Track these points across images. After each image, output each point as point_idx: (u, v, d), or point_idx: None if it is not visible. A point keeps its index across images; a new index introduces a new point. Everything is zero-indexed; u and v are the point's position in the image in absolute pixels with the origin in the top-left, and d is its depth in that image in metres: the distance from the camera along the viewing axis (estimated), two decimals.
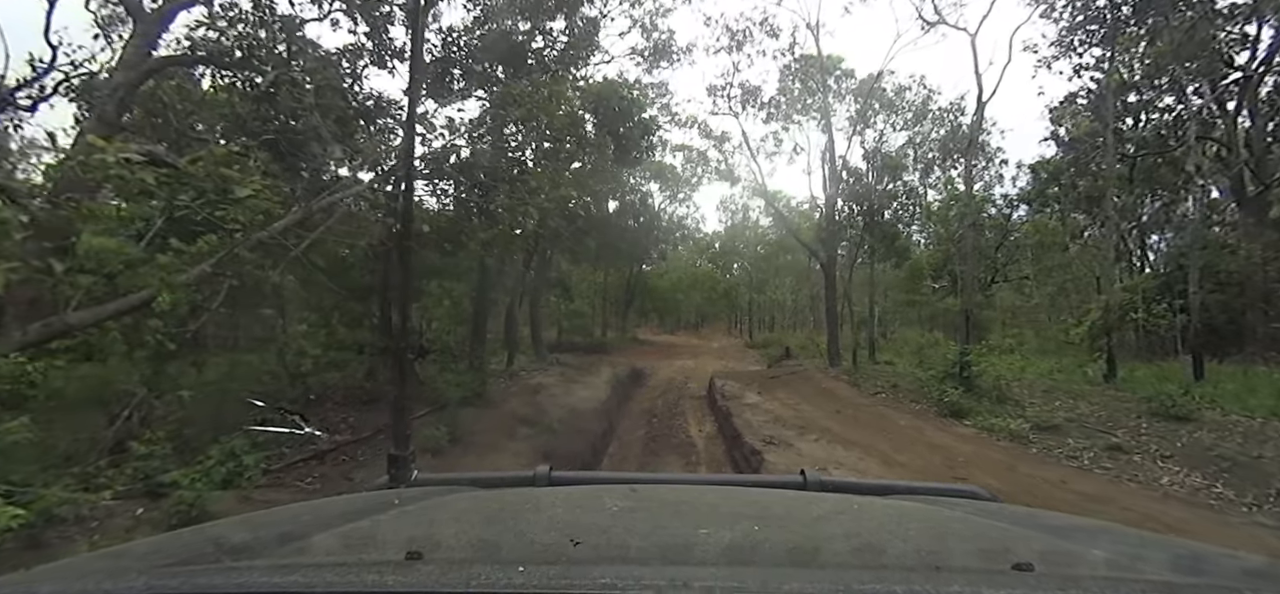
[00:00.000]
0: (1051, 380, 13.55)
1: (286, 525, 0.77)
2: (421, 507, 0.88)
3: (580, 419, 11.20)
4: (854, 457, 8.45)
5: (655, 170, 27.13)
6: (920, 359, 20.07)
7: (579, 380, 15.39)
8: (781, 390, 14.33)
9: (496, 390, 12.30)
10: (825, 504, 0.92)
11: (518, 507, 0.87)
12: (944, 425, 10.50)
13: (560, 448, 8.90)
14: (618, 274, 36.63)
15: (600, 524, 0.76)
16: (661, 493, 1.02)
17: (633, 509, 0.83)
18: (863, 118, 17.81)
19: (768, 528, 0.77)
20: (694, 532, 0.74)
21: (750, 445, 9.59)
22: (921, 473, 7.75)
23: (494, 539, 0.72)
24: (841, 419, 11.05)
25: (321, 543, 0.68)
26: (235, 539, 0.69)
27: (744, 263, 45.08)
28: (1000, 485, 7.11)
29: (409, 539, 0.63)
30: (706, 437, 12.41)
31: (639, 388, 19.29)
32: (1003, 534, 0.82)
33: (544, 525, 0.77)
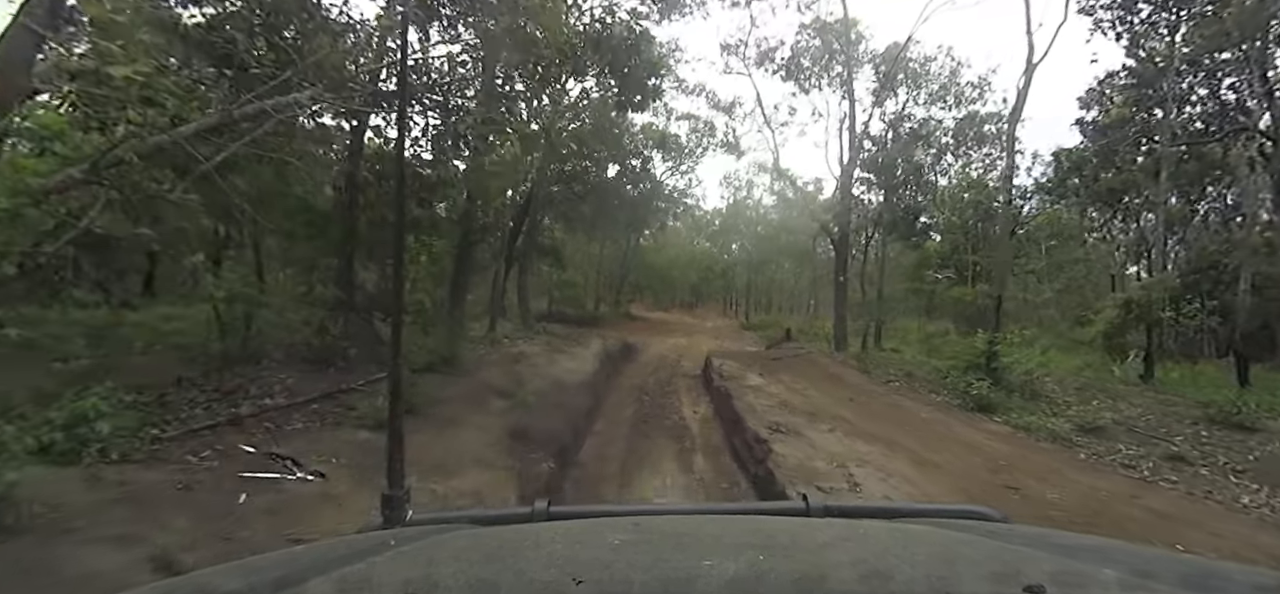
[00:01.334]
0: (1080, 377, 12.39)
1: (281, 570, 0.72)
2: (418, 547, 0.83)
3: (562, 393, 9.94)
4: (878, 453, 7.24)
5: (658, 138, 25.66)
6: (929, 348, 19.02)
7: (565, 351, 14.13)
8: (785, 373, 13.12)
9: (472, 358, 11.01)
10: (830, 530, 0.90)
11: (517, 544, 0.83)
12: (971, 421, 9.31)
13: (535, 426, 7.64)
14: (614, 246, 35.34)
15: (602, 559, 0.73)
16: (662, 524, 0.94)
17: (634, 543, 0.79)
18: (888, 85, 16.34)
19: (772, 557, 0.72)
20: (698, 564, 0.70)
21: (754, 432, 8.37)
22: (961, 476, 6.55)
23: (493, 579, 0.68)
24: (855, 408, 9.85)
25: (315, 588, 0.65)
26: (228, 586, 0.68)
27: (744, 242, 43.73)
28: (1058, 497, 5.94)
29: (406, 582, 0.66)
30: (701, 419, 11.21)
31: (629, 363, 18.06)
32: (1012, 556, 0.78)
33: (543, 562, 0.74)
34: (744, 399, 10.30)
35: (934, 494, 5.96)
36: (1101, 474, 7.04)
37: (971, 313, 20.99)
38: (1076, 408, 9.50)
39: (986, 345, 10.97)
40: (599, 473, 8.22)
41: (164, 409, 5.77)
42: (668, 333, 28.74)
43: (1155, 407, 10.17)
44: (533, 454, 7.00)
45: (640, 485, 7.30)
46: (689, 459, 8.60)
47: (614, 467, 8.52)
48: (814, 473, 6.63)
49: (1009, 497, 5.97)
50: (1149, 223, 25.67)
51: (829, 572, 0.70)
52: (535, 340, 15.17)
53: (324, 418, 6.35)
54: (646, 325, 30.97)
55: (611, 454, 9.21)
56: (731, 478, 7.97)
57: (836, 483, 6.32)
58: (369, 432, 5.94)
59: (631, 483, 7.48)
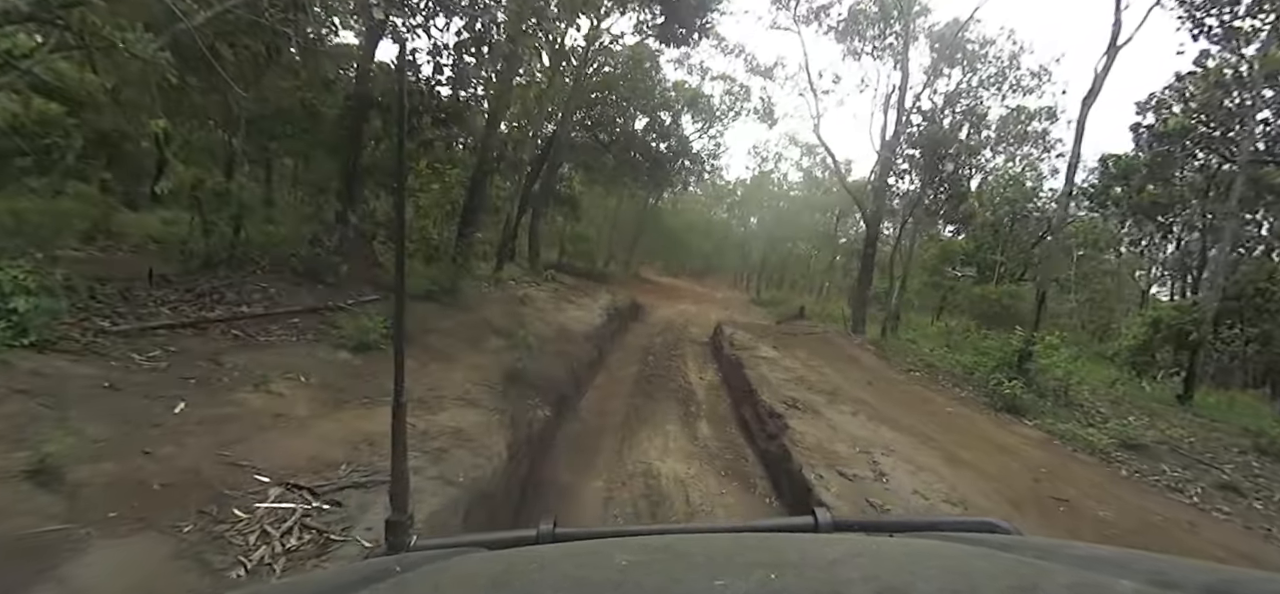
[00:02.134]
0: (1113, 391, 11.64)
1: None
2: (422, 573, 0.80)
3: (565, 342, 9.33)
4: (905, 444, 6.59)
5: (690, 97, 24.50)
6: (947, 342, 18.27)
7: (572, 301, 13.50)
8: (800, 349, 12.44)
9: (474, 294, 10.39)
10: (841, 547, 0.85)
11: (523, 567, 0.80)
12: (1001, 422, 8.63)
13: (533, 371, 7.03)
14: (631, 204, 34.46)
15: (611, 580, 0.70)
16: (671, 543, 0.94)
17: (642, 563, 0.76)
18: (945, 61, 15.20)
19: (784, 576, 0.69)
20: (709, 584, 0.68)
21: (768, 406, 7.74)
22: (999, 480, 5.90)
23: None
24: (876, 393, 9.19)
25: None
26: None
27: (764, 216, 42.66)
28: (1111, 516, 5.29)
29: None
30: (708, 386, 10.61)
31: (636, 322, 17.46)
32: (1028, 570, 0.76)
33: (552, 586, 0.72)
34: (757, 370, 9.66)
35: (971, 498, 5.32)
36: (1148, 495, 6.37)
37: (996, 312, 20.15)
38: (1115, 422, 8.79)
39: (1023, 344, 10.20)
40: (598, 427, 7.65)
41: (125, 302, 5.17)
42: (676, 298, 28.09)
43: (1197, 430, 9.44)
44: (528, 399, 6.41)
45: (641, 446, 6.72)
46: (693, 425, 8.01)
47: (614, 422, 7.95)
48: (835, 456, 6.00)
49: (1056, 510, 5.33)
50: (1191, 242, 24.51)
51: (842, 589, 0.68)
52: (542, 286, 14.54)
53: (303, 333, 5.76)
54: (655, 288, 30.32)
55: (612, 410, 8.64)
56: (738, 450, 7.37)
57: (860, 470, 5.69)
58: (349, 353, 5.35)
59: (632, 442, 6.91)
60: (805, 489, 5.41)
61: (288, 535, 2.43)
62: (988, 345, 11.64)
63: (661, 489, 5.66)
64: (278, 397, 3.96)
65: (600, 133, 21.95)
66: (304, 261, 7.20)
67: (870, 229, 15.63)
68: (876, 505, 4.95)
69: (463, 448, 3.94)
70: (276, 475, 2.87)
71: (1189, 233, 23.59)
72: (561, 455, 6.50)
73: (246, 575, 2.12)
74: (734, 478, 6.44)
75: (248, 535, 2.38)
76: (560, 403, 7.21)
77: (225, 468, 2.84)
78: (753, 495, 6.10)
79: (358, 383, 4.74)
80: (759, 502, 5.88)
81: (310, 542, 2.42)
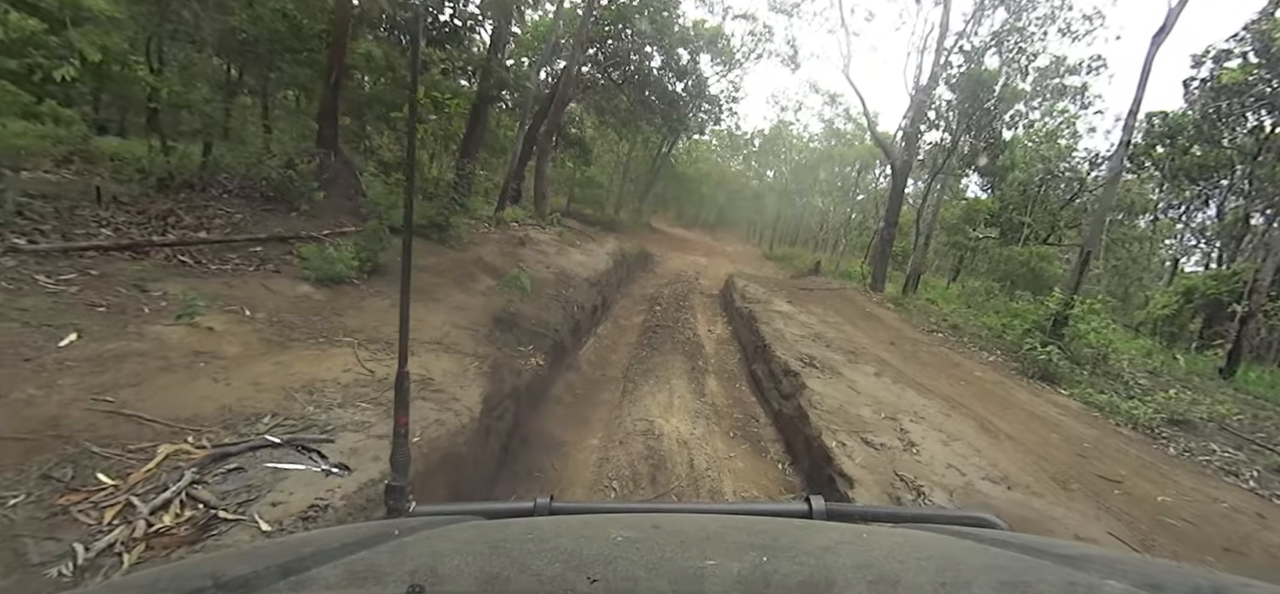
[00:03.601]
0: (1149, 362, 10.88)
1: (285, 557, 0.70)
2: (422, 537, 0.82)
3: (566, 286, 8.67)
4: (936, 411, 5.94)
5: (710, 36, 23.02)
6: (968, 304, 17.48)
7: (577, 246, 12.79)
8: (816, 305, 11.73)
9: (471, 233, 9.72)
10: (834, 534, 0.88)
11: (521, 538, 0.80)
12: (1035, 390, 7.96)
13: (528, 315, 6.40)
14: (644, 150, 33.31)
15: (606, 555, 0.72)
16: (665, 521, 0.91)
17: (638, 540, 0.77)
18: None
19: (777, 559, 0.71)
20: (702, 563, 0.71)
21: (783, 363, 7.10)
22: (1041, 456, 5.26)
23: (497, 572, 0.68)
24: (899, 354, 8.51)
25: (322, 576, 0.65)
26: (233, 572, 0.65)
27: (781, 168, 41.29)
28: (1171, 502, 4.65)
29: (411, 572, 0.65)
30: (718, 340, 9.98)
31: (644, 272, 16.80)
32: (1019, 566, 0.77)
33: (548, 557, 0.72)
34: (771, 325, 8.98)
35: (1013, 474, 4.69)
36: (1203, 478, 5.72)
37: (1022, 274, 19.23)
38: (1157, 396, 8.07)
39: (1060, 307, 9.41)
40: (597, 379, 7.07)
41: (60, 220, 4.54)
42: (687, 250, 27.34)
43: (1244, 407, 8.72)
44: (521, 346, 5.80)
45: (643, 402, 6.13)
46: (701, 380, 7.41)
47: (615, 374, 7.37)
48: (858, 422, 5.37)
49: (1109, 492, 4.69)
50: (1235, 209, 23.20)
51: (835, 576, 0.69)
52: (547, 230, 13.81)
53: (264, 262, 5.13)
54: (666, 239, 29.53)
55: (614, 360, 8.06)
56: (748, 410, 6.78)
57: (887, 438, 5.06)
58: (311, 286, 4.72)
59: (634, 397, 6.32)
60: (825, 457, 4.80)
61: (161, 511, 1.83)
62: (1019, 308, 10.84)
63: (663, 451, 5.08)
64: (205, 332, 3.35)
65: (613, 71, 20.73)
66: (275, 186, 6.52)
67: (897, 180, 14.64)
68: (907, 480, 4.33)
69: (428, 400, 3.32)
70: (172, 429, 2.28)
71: (1234, 199, 22.25)
72: (555, 409, 5.94)
73: (75, 571, 1.53)
74: (743, 440, 5.86)
75: (105, 510, 1.79)
76: (556, 351, 6.61)
77: (103, 417, 2.25)
78: (764, 461, 5.51)
79: (314, 320, 4.13)
80: (772, 469, 5.30)
81: (189, 521, 1.83)
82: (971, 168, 19.27)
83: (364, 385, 3.24)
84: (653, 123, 24.23)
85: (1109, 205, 11.13)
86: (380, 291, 5.23)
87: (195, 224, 5.60)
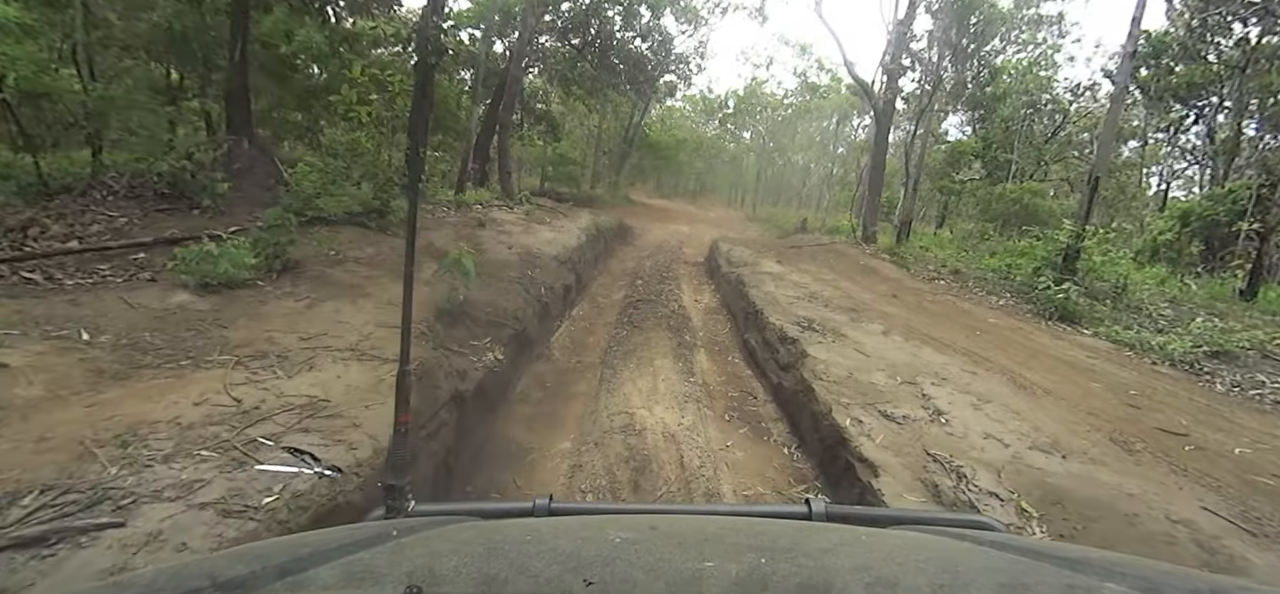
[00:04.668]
0: (1164, 291, 10.22)
1: (283, 558, 0.70)
2: (419, 538, 0.82)
3: (532, 267, 7.76)
4: (959, 370, 5.16)
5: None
6: (962, 248, 16.83)
7: (547, 223, 11.83)
8: (808, 263, 10.93)
9: (424, 218, 8.74)
10: (833, 536, 0.88)
11: (519, 538, 0.81)
12: (1057, 333, 7.22)
13: (480, 303, 5.50)
14: (615, 122, 32.16)
15: (604, 556, 0.72)
16: (664, 523, 0.92)
17: (635, 541, 0.77)
18: None
19: (775, 561, 0.71)
20: (700, 565, 0.70)
21: (778, 328, 6.28)
22: (1086, 410, 4.50)
23: (495, 573, 0.67)
24: (903, 307, 7.73)
25: (319, 577, 0.65)
26: (231, 573, 0.66)
27: (758, 126, 40.27)
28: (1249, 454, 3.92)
29: (408, 573, 0.65)
30: (705, 310, 9.16)
31: (624, 245, 15.86)
32: (1017, 568, 0.78)
33: (546, 558, 0.72)
34: (761, 288, 8.16)
35: (1064, 438, 3.92)
36: (1266, 417, 5.02)
37: (1015, 212, 18.58)
38: (1191, 326, 7.38)
39: (1071, 239, 8.65)
40: (570, 368, 6.21)
41: None
42: (669, 219, 26.39)
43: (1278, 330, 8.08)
44: (473, 341, 4.91)
45: (624, 390, 5.29)
46: (689, 358, 6.58)
47: (592, 360, 6.52)
48: (872, 391, 4.57)
49: (1179, 449, 3.94)
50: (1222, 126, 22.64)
51: (833, 578, 0.69)
52: (514, 210, 12.83)
53: (141, 270, 4.17)
54: (646, 211, 28.52)
55: (591, 344, 7.19)
56: (744, 386, 5.97)
57: (908, 408, 4.27)
58: (191, 293, 3.78)
59: (613, 384, 5.47)
60: (838, 439, 4.00)
61: None
62: (1026, 246, 10.09)
63: (647, 449, 4.24)
64: None
65: (573, 37, 19.54)
66: (171, 183, 5.50)
67: (881, 125, 13.77)
68: (943, 461, 3.54)
69: (310, 432, 2.44)
70: None
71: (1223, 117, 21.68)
72: (519, 409, 5.08)
73: None
74: (741, 423, 5.04)
75: None
76: (519, 341, 5.73)
77: None
78: (767, 446, 4.71)
79: (184, 337, 3.22)
80: (776, 456, 4.49)
81: None
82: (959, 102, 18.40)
83: (218, 422, 2.35)
84: (620, 89, 23.13)
85: (1115, 125, 10.35)
86: (290, 292, 4.29)
87: (64, 234, 4.60)
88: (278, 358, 3.18)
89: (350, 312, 4.14)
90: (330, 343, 3.52)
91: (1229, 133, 20.21)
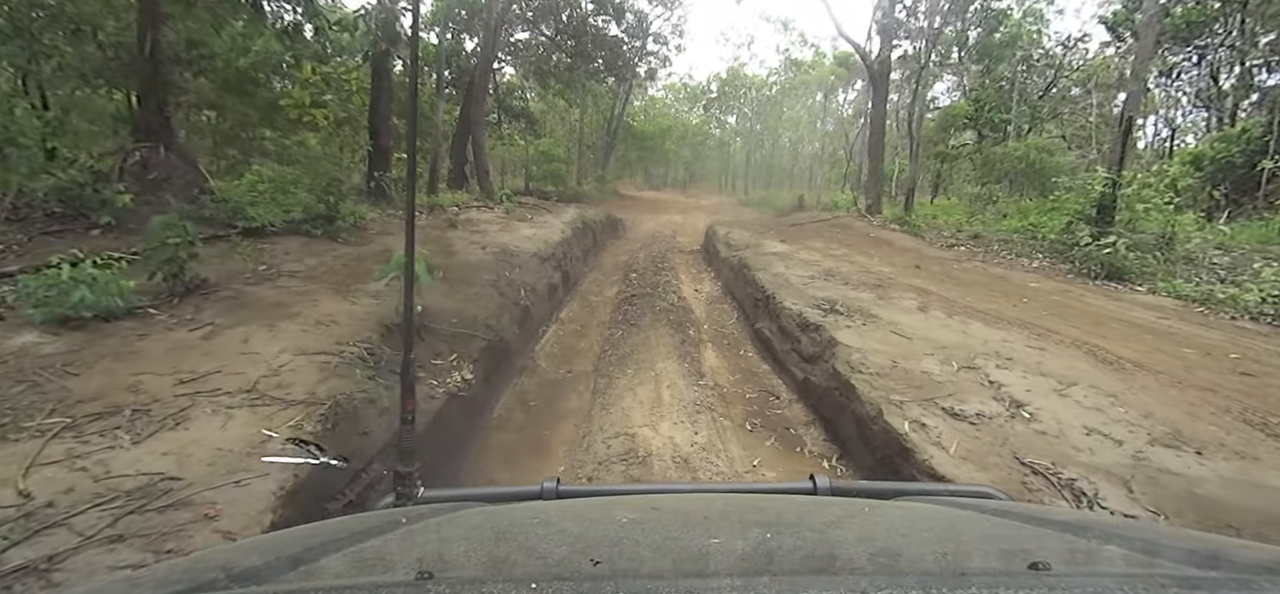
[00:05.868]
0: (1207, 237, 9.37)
1: (295, 548, 0.71)
2: (429, 524, 0.82)
3: (511, 267, 6.84)
4: (1021, 344, 4.29)
5: None
6: (970, 213, 16.00)
7: (529, 220, 10.91)
8: (814, 239, 10.05)
9: (386, 222, 7.81)
10: (837, 509, 0.89)
11: (526, 522, 0.81)
12: (1110, 292, 6.37)
13: (444, 313, 4.60)
14: (597, 115, 31.21)
15: (611, 537, 0.72)
16: (670, 502, 0.94)
17: (642, 521, 0.78)
18: None
19: (780, 536, 0.72)
20: (706, 542, 0.71)
21: (796, 314, 5.39)
22: (1190, 384, 3.64)
23: (504, 556, 0.69)
24: (932, 278, 6.86)
25: (331, 565, 0.65)
26: (245, 564, 0.66)
27: (743, 109, 39.40)
28: None
29: (418, 559, 0.65)
30: (708, 299, 8.27)
31: (614, 239, 14.96)
32: (1018, 533, 0.79)
33: (554, 540, 0.72)
34: (769, 269, 7.27)
35: (1184, 425, 3.06)
36: None
37: (1022, 172, 17.73)
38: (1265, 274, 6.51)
39: (1107, 188, 7.78)
40: (558, 380, 5.30)
41: None
42: (660, 211, 25.46)
43: None
44: (434, 360, 4.01)
45: (623, 402, 4.39)
46: (695, 356, 5.70)
47: (584, 368, 5.62)
48: (926, 381, 3.68)
49: None
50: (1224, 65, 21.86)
51: (837, 550, 0.70)
52: (494, 210, 11.89)
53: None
54: (636, 203, 27.63)
55: (582, 350, 6.29)
56: (763, 384, 5.08)
57: (977, 401, 3.39)
58: (37, 332, 2.86)
59: (609, 397, 4.58)
60: (897, 448, 3.12)
61: None
62: (1054, 200, 9.21)
63: (655, 478, 3.36)
64: None
65: (544, 25, 18.56)
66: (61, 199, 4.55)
67: (877, 87, 12.88)
68: (1044, 470, 2.67)
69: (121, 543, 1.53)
70: None
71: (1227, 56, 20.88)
72: (496, 437, 4.17)
73: None
74: (766, 432, 4.16)
75: None
76: (494, 354, 4.82)
77: None
78: (802, 460, 3.83)
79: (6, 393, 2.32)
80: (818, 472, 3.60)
81: None
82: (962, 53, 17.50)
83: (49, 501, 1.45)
84: (598, 77, 22.13)
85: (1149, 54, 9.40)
86: (189, 320, 3.37)
87: None
88: (134, 414, 2.27)
89: (263, 339, 3.22)
90: (220, 385, 2.60)
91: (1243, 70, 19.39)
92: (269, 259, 4.84)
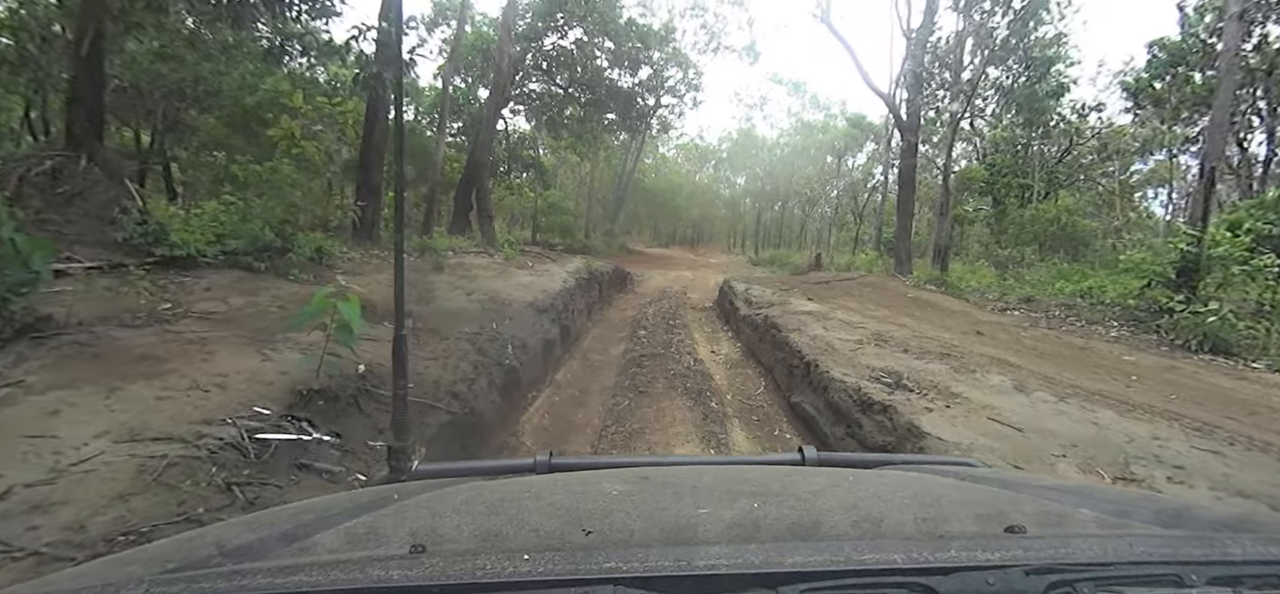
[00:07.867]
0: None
1: (289, 525, 0.71)
2: (422, 499, 0.82)
3: (500, 318, 5.75)
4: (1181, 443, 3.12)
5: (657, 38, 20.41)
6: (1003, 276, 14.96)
7: (528, 267, 9.91)
8: (847, 299, 8.96)
9: (361, 262, 6.80)
10: (822, 479, 0.89)
11: (519, 495, 0.81)
12: (1226, 369, 5.19)
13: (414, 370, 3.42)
14: (608, 170, 30.88)
15: (601, 508, 0.72)
16: (659, 474, 0.94)
17: (632, 493, 0.79)
18: None
19: (767, 504, 0.72)
20: (695, 512, 0.70)
21: (852, 389, 4.24)
22: None
23: (496, 529, 0.68)
24: (1005, 347, 5.70)
25: (324, 541, 0.64)
26: (238, 541, 0.65)
27: (755, 168, 39.19)
28: None
29: (412, 533, 0.64)
30: (728, 363, 7.12)
31: (621, 292, 13.91)
32: (996, 499, 0.81)
33: (546, 512, 0.73)
34: (805, 331, 6.14)
35: None
36: None
37: (1053, 234, 16.78)
38: None
39: (1191, 247, 6.69)
40: None
41: None
42: (669, 266, 24.58)
43: None
44: (371, 440, 2.88)
45: None
46: (720, 437, 4.54)
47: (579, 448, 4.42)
48: None
49: None
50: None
51: (822, 517, 0.70)
52: (494, 256, 10.94)
53: None
54: (644, 258, 26.80)
55: (579, 424, 5.09)
56: None
57: None
58: None
59: None
60: None
61: None
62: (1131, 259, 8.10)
63: None
64: None
65: (558, 75, 18.13)
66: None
67: (907, 138, 12.03)
68: None
69: None
70: None
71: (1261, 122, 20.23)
72: None
73: None
74: None
75: None
76: (460, 430, 3.66)
77: None
78: None
79: None
80: None
81: None
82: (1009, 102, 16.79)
83: None
84: (611, 130, 21.66)
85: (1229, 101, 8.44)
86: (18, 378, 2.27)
87: None
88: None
89: (85, 412, 2.10)
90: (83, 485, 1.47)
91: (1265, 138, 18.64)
92: (181, 296, 3.78)
